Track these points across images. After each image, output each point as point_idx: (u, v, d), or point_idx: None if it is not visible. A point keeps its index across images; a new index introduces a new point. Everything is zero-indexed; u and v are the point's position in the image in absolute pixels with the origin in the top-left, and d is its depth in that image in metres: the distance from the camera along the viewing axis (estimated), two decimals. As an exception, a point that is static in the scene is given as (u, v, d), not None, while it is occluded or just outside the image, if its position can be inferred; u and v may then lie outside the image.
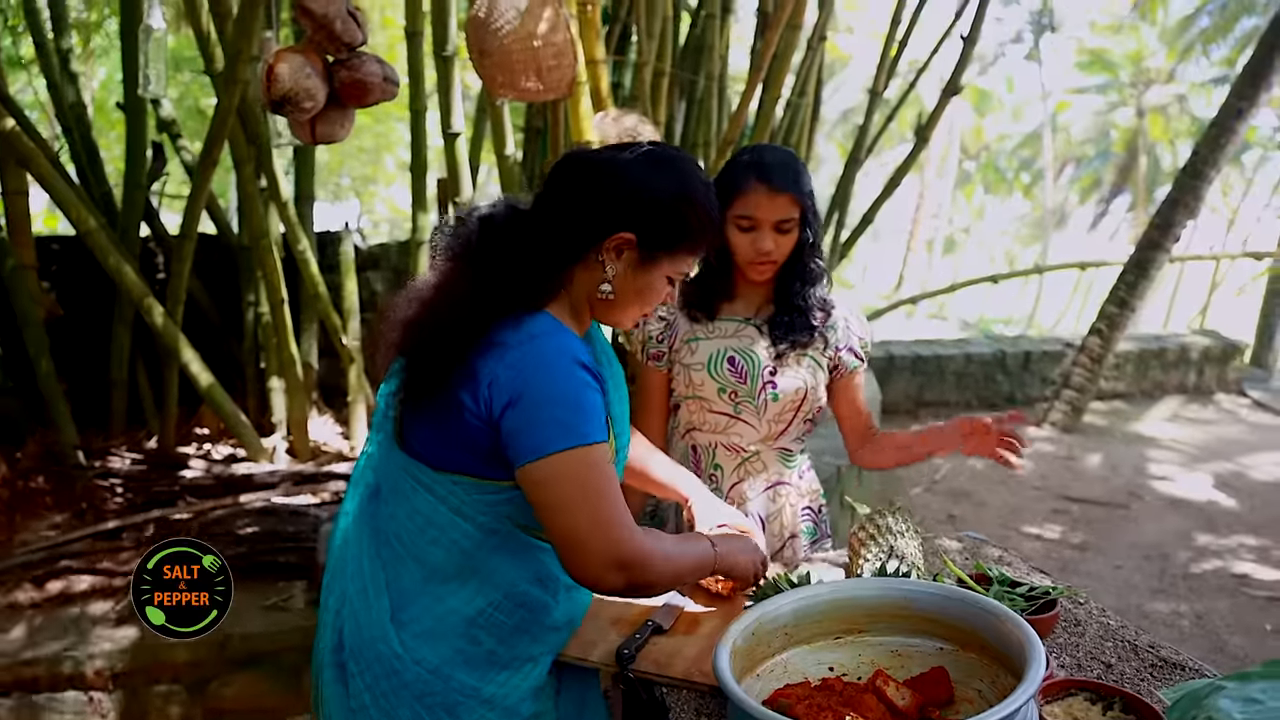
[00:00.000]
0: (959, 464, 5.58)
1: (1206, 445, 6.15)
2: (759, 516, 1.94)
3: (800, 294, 1.87)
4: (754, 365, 1.85)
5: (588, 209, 1.35)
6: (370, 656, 1.37)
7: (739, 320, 1.90)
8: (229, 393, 3.95)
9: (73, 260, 4.35)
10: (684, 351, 1.90)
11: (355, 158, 17.04)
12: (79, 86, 4.50)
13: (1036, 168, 23.97)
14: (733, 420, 1.89)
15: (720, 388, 1.86)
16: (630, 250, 1.35)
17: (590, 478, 1.27)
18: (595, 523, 1.27)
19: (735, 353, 1.86)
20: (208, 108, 10.54)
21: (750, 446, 1.91)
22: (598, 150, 1.44)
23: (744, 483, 1.92)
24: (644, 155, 1.37)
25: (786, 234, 1.81)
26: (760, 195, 1.77)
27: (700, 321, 1.92)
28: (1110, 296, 6.49)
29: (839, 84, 20.39)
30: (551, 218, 1.36)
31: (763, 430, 1.89)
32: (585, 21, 3.42)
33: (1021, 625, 1.21)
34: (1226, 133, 6.02)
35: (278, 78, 2.37)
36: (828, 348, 1.92)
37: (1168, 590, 3.87)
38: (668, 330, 1.94)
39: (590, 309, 1.42)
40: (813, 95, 5.31)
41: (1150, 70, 20.54)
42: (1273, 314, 9.75)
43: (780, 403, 1.86)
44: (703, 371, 1.87)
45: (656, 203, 1.34)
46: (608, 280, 1.36)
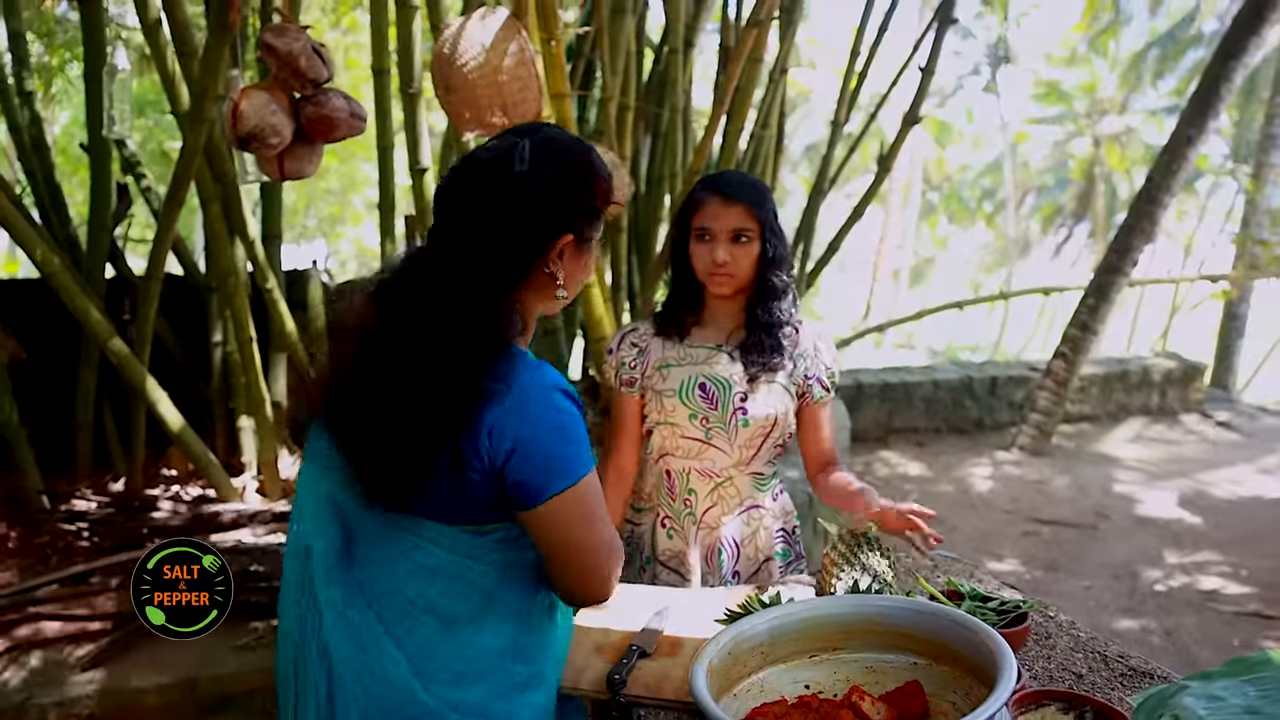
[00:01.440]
0: (929, 489, 5.62)
1: (1171, 465, 6.25)
2: (733, 540, 1.95)
3: (766, 310, 1.90)
4: (725, 391, 1.88)
5: (523, 234, 1.31)
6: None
7: (710, 347, 1.93)
8: (197, 433, 3.91)
9: (36, 303, 4.30)
10: (656, 378, 1.93)
11: (322, 198, 17.02)
12: (42, 129, 4.47)
13: (999, 197, 24.44)
14: (705, 446, 1.91)
15: (692, 414, 1.89)
16: (570, 247, 1.35)
17: (589, 508, 1.29)
18: (598, 547, 1.31)
19: (706, 379, 1.89)
20: (171, 150, 10.51)
21: (723, 471, 1.93)
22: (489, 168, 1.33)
23: (717, 507, 1.94)
24: (536, 155, 1.32)
25: (743, 245, 1.85)
26: (714, 205, 1.84)
27: (673, 345, 1.95)
28: (1073, 320, 6.61)
29: (802, 117, 20.74)
30: (487, 252, 1.31)
31: (734, 455, 1.91)
32: (549, 56, 3.47)
33: (993, 636, 1.23)
34: (1178, 159, 6.20)
35: (243, 114, 2.39)
36: (796, 372, 1.94)
37: (1137, 608, 3.91)
38: (640, 356, 1.97)
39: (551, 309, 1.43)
40: (776, 127, 5.40)
41: (1104, 101, 21.08)
42: (1230, 336, 9.98)
43: (751, 428, 1.89)
44: (674, 398, 1.89)
45: (575, 195, 1.34)
46: (560, 285, 1.36)
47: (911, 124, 5.03)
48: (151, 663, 3.02)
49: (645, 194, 5.20)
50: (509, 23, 2.80)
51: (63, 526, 3.79)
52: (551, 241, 1.32)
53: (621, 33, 4.31)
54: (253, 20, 4.16)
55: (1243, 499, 5.58)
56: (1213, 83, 6.13)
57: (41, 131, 4.44)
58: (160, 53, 3.47)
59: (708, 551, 1.95)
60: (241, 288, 3.81)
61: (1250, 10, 5.98)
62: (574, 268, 1.38)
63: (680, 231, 1.91)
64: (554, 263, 1.34)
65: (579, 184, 1.34)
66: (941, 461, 6.19)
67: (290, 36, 2.45)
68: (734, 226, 1.84)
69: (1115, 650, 1.54)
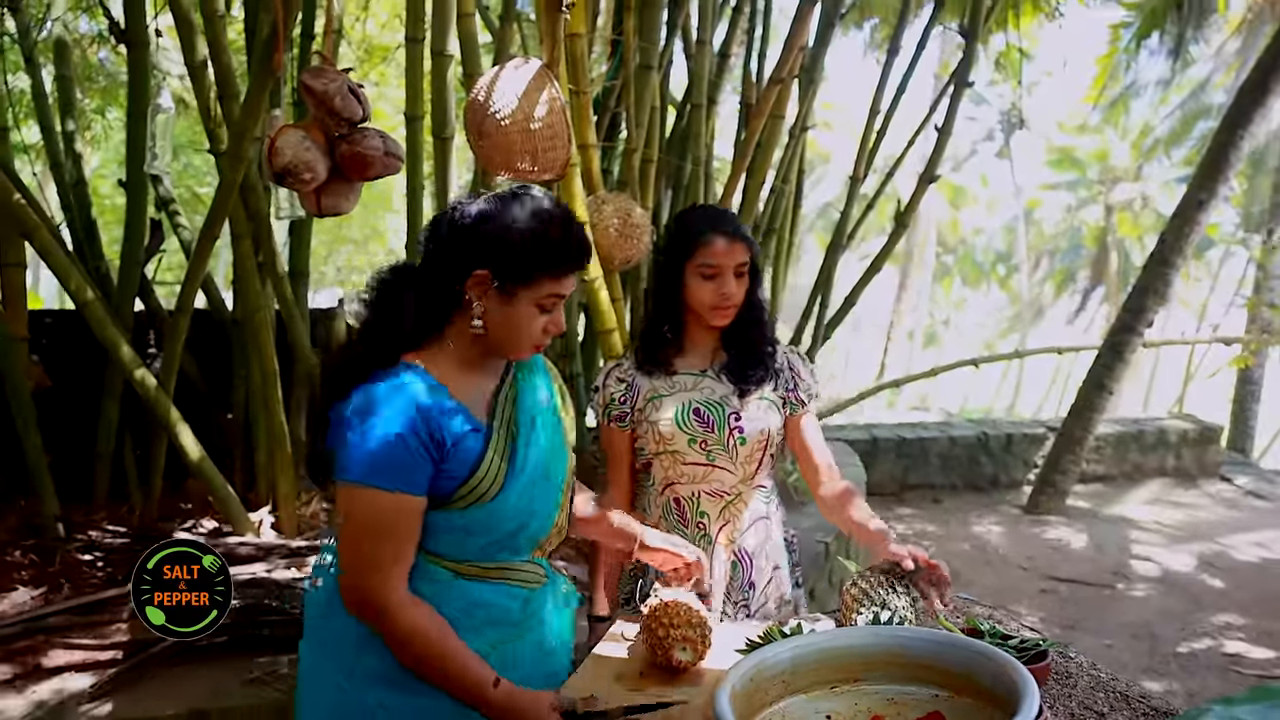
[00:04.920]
0: (946, 545, 5.58)
1: (1189, 526, 6.19)
2: (747, 552, 2.03)
3: (753, 332, 2.02)
4: (720, 413, 1.97)
5: (444, 256, 1.46)
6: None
7: (695, 373, 2.02)
8: (217, 466, 3.94)
9: (61, 333, 4.38)
10: (649, 409, 2.00)
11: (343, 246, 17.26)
12: (81, 167, 4.61)
13: (1012, 261, 24.55)
14: (710, 468, 1.98)
15: (690, 439, 1.96)
16: (490, 286, 1.44)
17: (353, 513, 1.38)
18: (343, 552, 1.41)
19: (700, 404, 1.98)
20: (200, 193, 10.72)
21: (732, 489, 2.01)
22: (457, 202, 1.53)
23: (730, 524, 2.01)
24: (492, 197, 1.48)
25: (741, 278, 1.97)
26: (720, 243, 1.94)
27: (659, 376, 2.02)
28: (1088, 379, 6.61)
29: (819, 178, 20.99)
30: (421, 271, 1.49)
31: (739, 472, 2.00)
32: (578, 108, 3.56)
33: (1015, 665, 1.24)
34: (1189, 222, 6.28)
35: (279, 151, 2.47)
36: (779, 387, 2.04)
37: (1159, 668, 3.86)
38: (629, 391, 2.04)
39: (488, 347, 1.50)
40: (795, 183, 5.49)
41: (1116, 168, 21.26)
42: (1245, 401, 9.94)
43: (749, 445, 1.98)
44: (671, 425, 1.97)
45: (502, 239, 1.43)
46: (477, 316, 1.45)
47: (928, 182, 5.12)
48: (161, 694, 3.01)
49: (665, 244, 5.28)
50: (541, 73, 2.89)
51: (77, 555, 3.81)
52: (467, 271, 1.43)
53: (647, 88, 4.42)
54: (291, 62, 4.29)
55: (1266, 562, 5.51)
56: (1220, 149, 6.23)
57: (80, 170, 4.57)
58: (204, 94, 3.58)
59: (723, 568, 2.01)
60: (268, 324, 3.87)
61: (1255, 81, 6.11)
62: (497, 310, 1.45)
63: (675, 267, 1.98)
64: (471, 293, 1.44)
65: (509, 233, 1.43)
66: (957, 518, 6.15)
67: (328, 77, 2.55)
68: (739, 262, 1.95)
69: (1137, 691, 1.54)
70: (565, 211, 1.50)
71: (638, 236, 3.90)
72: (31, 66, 4.48)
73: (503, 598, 1.50)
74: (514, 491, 1.47)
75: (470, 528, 1.46)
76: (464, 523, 1.45)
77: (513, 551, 1.52)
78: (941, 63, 14.97)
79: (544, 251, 1.44)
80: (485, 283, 1.43)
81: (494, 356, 1.53)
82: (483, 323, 1.44)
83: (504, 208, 1.45)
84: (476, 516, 1.45)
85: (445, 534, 1.45)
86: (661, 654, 1.56)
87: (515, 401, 1.54)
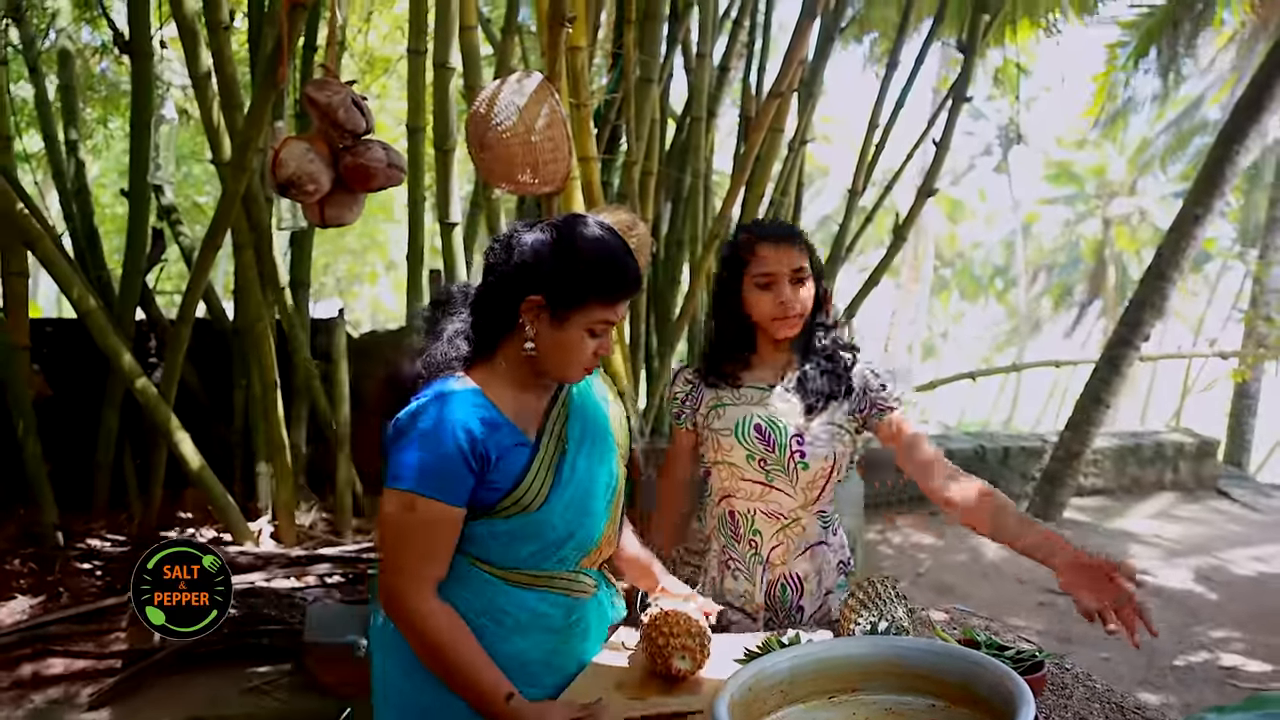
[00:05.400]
0: (943, 558, 5.59)
1: (1187, 540, 6.19)
2: (798, 576, 1.96)
3: (824, 339, 1.95)
4: (781, 434, 1.89)
5: (500, 280, 1.51)
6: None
7: (763, 387, 1.95)
8: (216, 475, 3.95)
9: (62, 342, 4.39)
10: (710, 416, 1.96)
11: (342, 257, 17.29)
12: (84, 176, 4.63)
13: (1010, 274, 24.61)
14: (767, 488, 1.91)
15: (749, 454, 1.90)
16: (543, 311, 1.49)
17: (394, 517, 1.44)
18: (383, 554, 1.47)
19: (762, 420, 1.90)
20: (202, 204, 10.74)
21: (790, 513, 1.93)
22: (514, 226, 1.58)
23: (783, 546, 1.94)
24: (547, 225, 1.53)
25: (802, 284, 1.90)
26: (768, 250, 1.89)
27: (723, 387, 1.97)
28: (1085, 392, 6.63)
29: (818, 191, 21.06)
30: (478, 293, 1.56)
31: (799, 498, 1.92)
32: (578, 120, 3.59)
33: (1010, 675, 1.25)
34: (1186, 237, 6.31)
35: (283, 163, 2.49)
36: (853, 409, 1.94)
37: (1155, 682, 3.86)
38: (693, 393, 2.01)
39: (539, 369, 1.54)
40: (794, 196, 5.52)
41: (1114, 183, 21.35)
42: (1242, 415, 9.97)
43: (811, 470, 1.89)
44: (730, 437, 1.91)
45: (554, 266, 1.48)
46: (529, 339, 1.49)
47: (927, 195, 5.14)
48: (159, 702, 3.01)
49: (665, 258, 5.30)
50: (542, 86, 2.92)
51: (76, 564, 3.82)
52: (522, 296, 1.48)
53: (647, 101, 4.45)
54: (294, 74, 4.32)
55: (1262, 576, 5.52)
56: (1216, 164, 6.28)
57: (83, 178, 4.60)
58: (207, 104, 3.60)
59: (771, 588, 1.95)
60: (268, 334, 3.89)
61: (1251, 97, 6.17)
62: (548, 334, 1.49)
63: (734, 283, 1.93)
64: (526, 317, 1.49)
65: (561, 260, 1.48)
66: (954, 530, 6.15)
67: (331, 90, 2.57)
68: (793, 267, 1.89)
69: (1132, 702, 1.55)
70: (619, 240, 1.54)
71: (638, 249, 3.92)
72: (35, 76, 4.51)
73: (546, 605, 1.55)
74: (559, 503, 1.52)
75: (515, 535, 1.51)
76: (508, 530, 1.50)
77: (560, 562, 1.56)
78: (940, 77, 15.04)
79: (597, 279, 1.48)
80: (538, 308, 1.48)
81: (546, 378, 1.57)
82: (534, 345, 1.50)
83: (560, 235, 1.50)
84: (521, 525, 1.50)
85: (491, 540, 1.51)
86: (661, 663, 1.58)
87: (566, 419, 1.59)
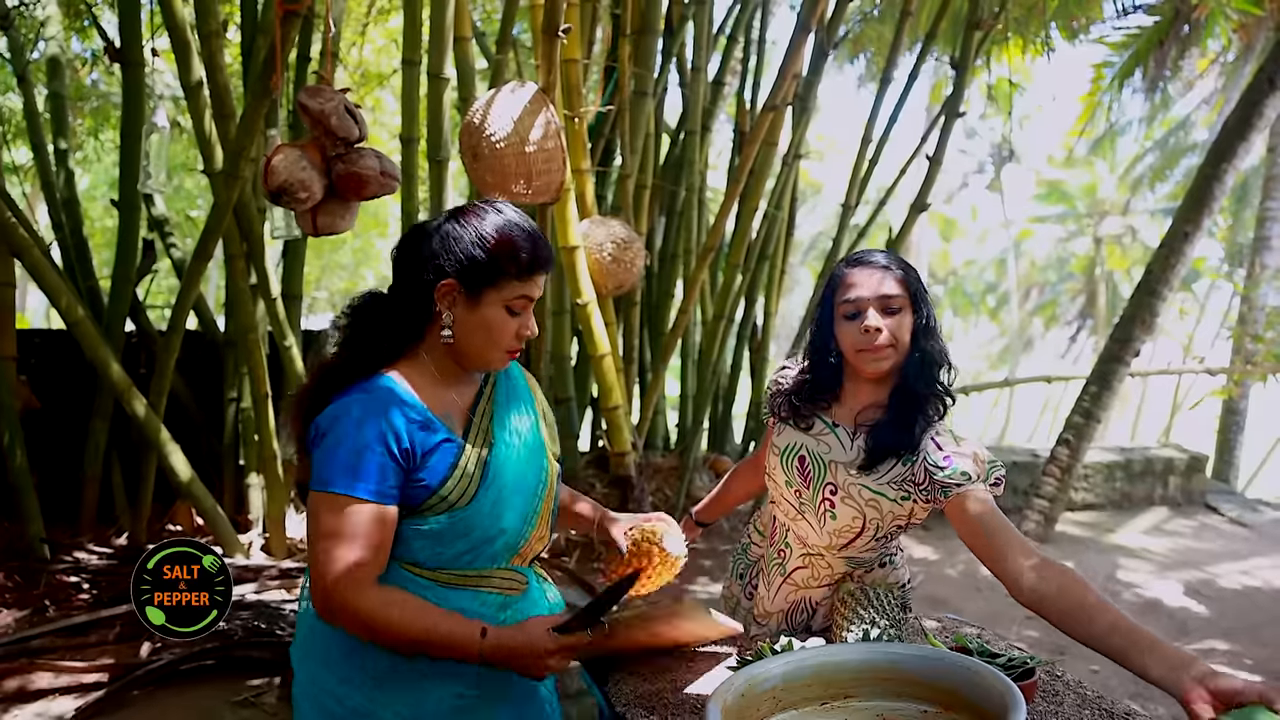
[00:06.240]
0: (937, 572, 5.58)
1: (1176, 554, 6.20)
2: (814, 602, 1.84)
3: (921, 380, 1.68)
4: (819, 474, 1.74)
5: (412, 272, 1.51)
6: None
7: (827, 423, 1.78)
8: (207, 487, 3.93)
9: (50, 354, 4.37)
10: (775, 429, 1.88)
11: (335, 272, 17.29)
12: (74, 186, 4.62)
13: (1002, 291, 24.72)
14: (799, 516, 1.80)
15: (787, 480, 1.80)
16: (458, 294, 1.49)
17: (323, 520, 1.40)
18: (315, 560, 1.41)
19: (807, 453, 1.77)
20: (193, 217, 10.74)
21: (813, 546, 1.81)
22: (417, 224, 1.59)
23: (807, 570, 1.83)
24: (450, 213, 1.54)
25: (895, 315, 1.67)
26: (856, 275, 1.70)
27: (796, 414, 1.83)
28: (1075, 408, 6.65)
29: (812, 208, 21.15)
30: (393, 291, 1.55)
31: (824, 539, 1.78)
32: (573, 132, 3.60)
33: (1002, 679, 1.25)
34: (1175, 254, 6.35)
35: (274, 170, 2.48)
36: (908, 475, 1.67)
37: (1144, 693, 3.85)
38: (777, 397, 1.87)
39: (462, 357, 1.54)
40: (788, 210, 5.55)
41: (1105, 202, 21.50)
42: (1230, 431, 10.02)
43: (839, 523, 1.73)
44: (777, 458, 1.83)
45: (463, 247, 1.48)
46: (447, 326, 1.49)
47: (919, 211, 5.17)
48: (147, 716, 2.98)
49: (659, 270, 5.32)
50: (537, 97, 2.92)
51: (62, 577, 3.78)
52: (435, 282, 1.48)
53: (641, 114, 4.48)
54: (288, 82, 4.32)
55: (1250, 589, 5.52)
56: (1205, 182, 6.33)
57: (73, 188, 4.58)
58: (199, 114, 3.60)
59: (792, 608, 1.86)
60: (260, 345, 3.87)
61: (1239, 117, 6.24)
62: (466, 317, 1.49)
63: (824, 314, 1.75)
64: (441, 304, 1.49)
65: (468, 240, 1.48)
66: (947, 545, 6.14)
67: (324, 97, 2.56)
68: (882, 293, 1.66)
69: (1122, 708, 1.54)
70: (525, 218, 1.55)
71: (631, 262, 3.93)
72: (24, 85, 4.50)
73: (478, 605, 1.52)
74: (486, 500, 1.51)
75: (444, 534, 1.48)
76: (437, 529, 1.48)
77: (491, 560, 1.54)
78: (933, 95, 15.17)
79: (506, 254, 1.49)
80: (453, 291, 1.49)
81: (470, 368, 1.57)
82: (452, 332, 1.50)
83: (465, 218, 1.51)
84: (449, 524, 1.48)
85: (419, 541, 1.48)
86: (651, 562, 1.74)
87: (492, 414, 1.58)
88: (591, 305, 3.80)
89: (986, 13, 5.06)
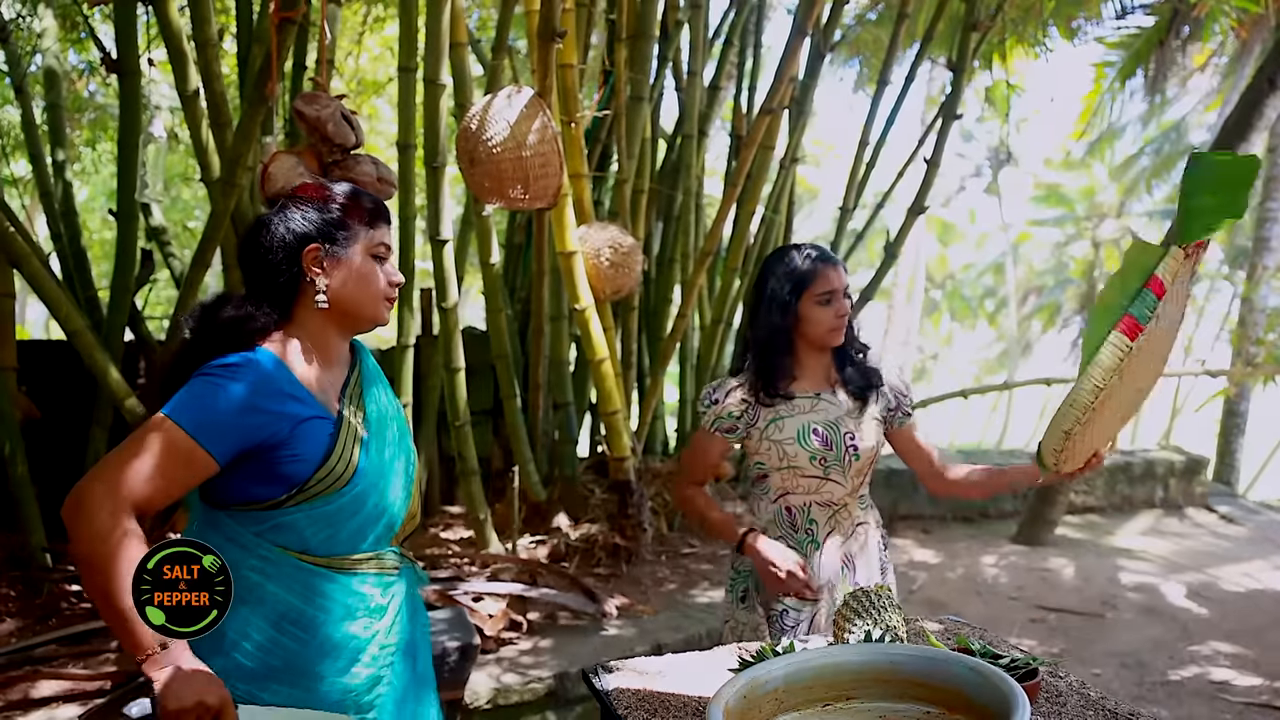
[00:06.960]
0: (936, 575, 5.57)
1: (1177, 556, 6.19)
2: (849, 556, 2.22)
3: (854, 347, 2.27)
4: (837, 433, 2.17)
5: (267, 254, 1.53)
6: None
7: (811, 396, 2.21)
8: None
9: (50, 364, 4.36)
10: (771, 430, 2.17)
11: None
12: (72, 196, 4.62)
13: (1000, 294, 24.74)
14: (823, 481, 2.17)
15: (811, 456, 2.15)
16: (325, 256, 1.54)
17: (138, 434, 1.39)
18: (104, 459, 1.38)
19: (819, 425, 2.17)
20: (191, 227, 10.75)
21: (839, 500, 2.20)
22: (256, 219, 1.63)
23: (836, 530, 2.21)
24: (281, 200, 1.60)
25: (848, 299, 2.21)
26: (830, 271, 2.19)
27: (778, 403, 2.19)
28: (1075, 411, 6.66)
29: (809, 213, 21.18)
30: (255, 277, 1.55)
31: (848, 485, 2.19)
32: (569, 137, 3.61)
33: (1004, 679, 1.24)
34: (1175, 255, 6.38)
35: (271, 176, 2.47)
36: (883, 406, 2.26)
37: (1147, 696, 3.85)
38: (749, 410, 2.20)
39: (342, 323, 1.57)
40: (785, 214, 5.55)
41: (1102, 205, 21.52)
42: (1231, 434, 10.01)
43: (861, 460, 2.19)
44: (794, 444, 2.15)
45: (314, 211, 1.55)
46: (321, 291, 1.53)
47: (917, 213, 5.17)
48: (147, 725, 2.97)
49: (657, 275, 5.31)
50: (534, 102, 2.93)
51: (64, 586, 3.77)
52: (299, 253, 1.52)
53: (638, 119, 4.48)
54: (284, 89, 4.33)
55: (1252, 591, 5.51)
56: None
57: (71, 199, 4.58)
58: (195, 122, 3.60)
59: (835, 570, 2.19)
60: (258, 352, 3.87)
61: (1238, 118, 6.25)
62: (340, 274, 1.54)
63: (792, 302, 2.18)
64: (311, 272, 1.53)
65: (315, 203, 1.55)
66: (947, 549, 6.14)
67: (320, 103, 2.56)
68: (846, 283, 2.21)
69: (1126, 710, 1.54)
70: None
71: (629, 267, 3.93)
72: (22, 97, 4.51)
73: (367, 587, 1.56)
74: (370, 473, 1.54)
75: (333, 516, 1.50)
76: (327, 512, 1.50)
77: (376, 540, 1.58)
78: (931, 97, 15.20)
79: (354, 205, 1.57)
80: (319, 254, 1.53)
81: (353, 329, 1.61)
82: (327, 295, 1.53)
83: (301, 195, 1.57)
84: (338, 505, 1.50)
85: (310, 527, 1.49)
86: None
87: (362, 393, 1.62)
88: (589, 310, 3.80)
89: (983, 14, 5.08)
